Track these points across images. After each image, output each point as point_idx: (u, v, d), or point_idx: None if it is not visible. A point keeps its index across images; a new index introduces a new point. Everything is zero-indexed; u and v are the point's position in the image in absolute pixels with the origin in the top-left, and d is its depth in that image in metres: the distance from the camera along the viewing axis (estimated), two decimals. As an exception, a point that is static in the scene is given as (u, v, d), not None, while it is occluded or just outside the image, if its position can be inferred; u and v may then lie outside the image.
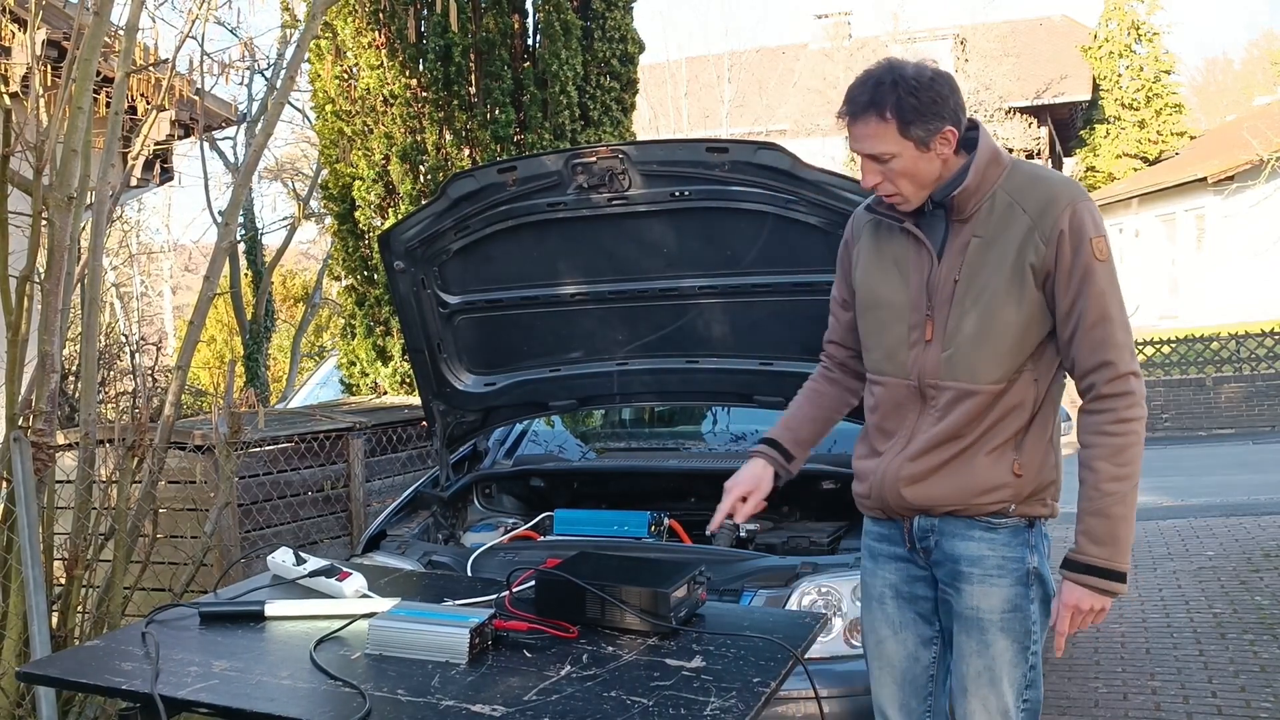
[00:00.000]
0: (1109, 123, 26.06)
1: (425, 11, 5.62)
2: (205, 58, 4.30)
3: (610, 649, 1.84)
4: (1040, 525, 2.07)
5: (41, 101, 3.33)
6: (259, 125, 9.32)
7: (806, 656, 1.88)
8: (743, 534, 3.42)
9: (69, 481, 3.36)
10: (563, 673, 1.74)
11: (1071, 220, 1.91)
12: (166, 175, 6.88)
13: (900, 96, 1.90)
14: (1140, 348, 13.70)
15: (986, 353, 1.96)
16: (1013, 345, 1.96)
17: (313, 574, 2.18)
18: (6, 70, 3.65)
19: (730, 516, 2.24)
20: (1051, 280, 1.93)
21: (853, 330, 2.21)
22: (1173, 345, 13.56)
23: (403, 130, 5.58)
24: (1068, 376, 2.06)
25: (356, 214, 5.84)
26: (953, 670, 2.11)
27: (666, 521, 3.30)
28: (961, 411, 1.98)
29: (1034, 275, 1.93)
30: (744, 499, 2.22)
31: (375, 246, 5.77)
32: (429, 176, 5.55)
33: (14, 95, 3.45)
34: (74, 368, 5.08)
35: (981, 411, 1.98)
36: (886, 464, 2.08)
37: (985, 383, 1.97)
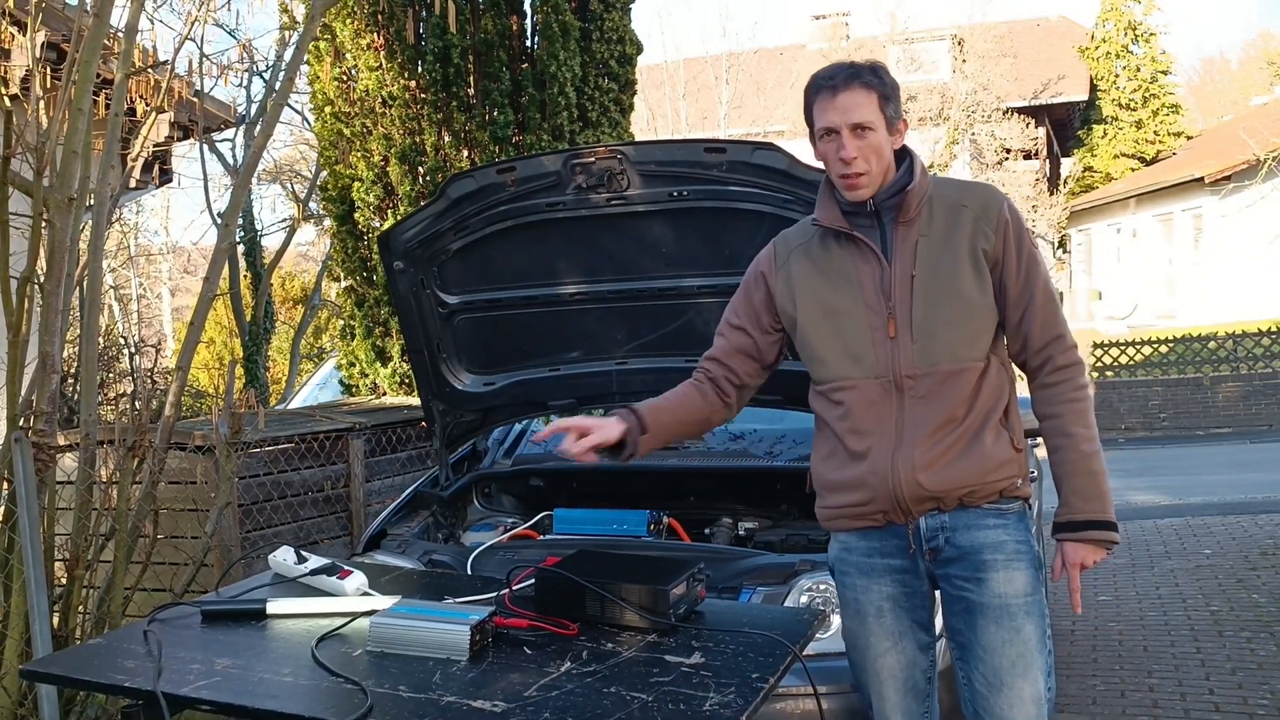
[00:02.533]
0: (1106, 123, 26.07)
1: (424, 13, 5.63)
2: (204, 60, 4.31)
3: (610, 646, 1.86)
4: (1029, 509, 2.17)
5: (41, 103, 3.33)
6: (258, 127, 9.33)
7: (805, 653, 1.89)
8: (741, 532, 3.44)
9: (70, 482, 3.37)
10: (563, 669, 1.76)
11: (1010, 213, 2.07)
12: (165, 177, 6.89)
13: (878, 74, 2.06)
14: (1138, 347, 13.73)
15: (963, 333, 2.04)
16: (984, 324, 2.06)
17: (314, 572, 2.20)
18: (6, 72, 3.66)
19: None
20: (1000, 267, 2.06)
21: (738, 354, 2.24)
22: (1170, 345, 13.58)
23: (402, 131, 5.59)
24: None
25: (356, 215, 5.85)
26: (975, 669, 2.08)
27: (665, 520, 3.31)
28: (949, 393, 2.03)
29: (987, 260, 2.05)
30: (583, 435, 2.12)
31: (375, 247, 5.78)
32: (428, 178, 5.57)
33: (14, 97, 3.46)
34: (73, 369, 5.08)
35: (972, 391, 2.04)
36: (888, 460, 2.05)
37: (968, 360, 2.04)
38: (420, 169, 5.62)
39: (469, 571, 2.94)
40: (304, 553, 2.26)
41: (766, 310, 2.23)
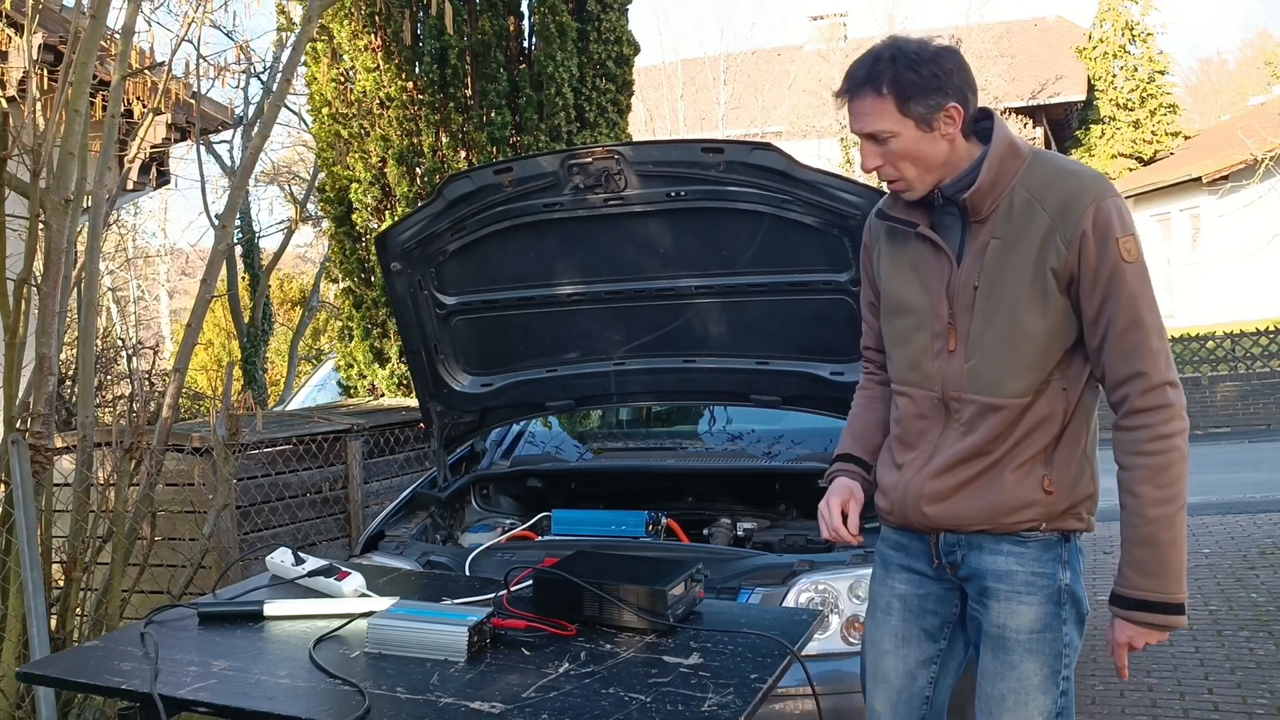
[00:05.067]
0: (1104, 123, 26.10)
1: (421, 14, 5.63)
2: (201, 61, 4.30)
3: (608, 646, 1.85)
4: (1075, 539, 1.94)
5: (38, 105, 3.33)
6: (255, 128, 9.32)
7: (803, 653, 1.88)
8: (739, 533, 3.44)
9: (67, 484, 3.37)
10: (561, 670, 1.75)
11: (1096, 219, 1.77)
12: (163, 179, 6.89)
13: (898, 71, 1.79)
14: (1136, 347, 13.72)
15: (1010, 364, 1.84)
16: (1037, 355, 1.83)
17: (311, 574, 2.19)
18: (3, 74, 3.66)
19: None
20: (1076, 284, 1.79)
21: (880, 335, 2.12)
22: (1169, 344, 13.58)
23: (399, 132, 5.59)
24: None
25: (354, 216, 5.85)
26: (977, 690, 1.99)
27: (664, 521, 3.31)
28: (987, 427, 1.87)
29: (1056, 280, 1.79)
30: (844, 513, 2.04)
31: (372, 248, 5.78)
32: (426, 179, 5.57)
33: (11, 99, 3.46)
34: (70, 371, 5.08)
35: (1008, 427, 1.86)
36: (908, 480, 1.97)
37: (1010, 396, 1.85)
38: (418, 170, 5.62)
39: (467, 572, 2.94)
40: (301, 554, 2.25)
41: (874, 288, 2.08)
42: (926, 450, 1.95)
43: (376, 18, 5.61)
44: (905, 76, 1.79)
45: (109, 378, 7.01)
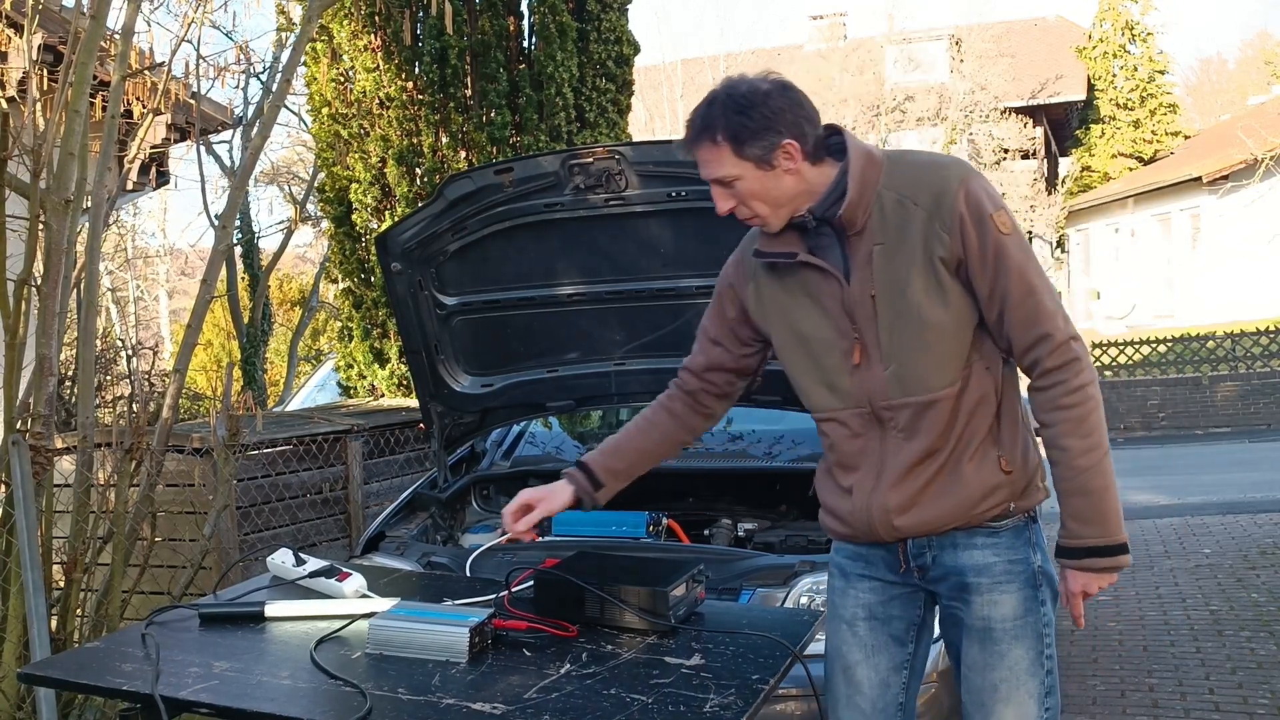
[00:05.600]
0: (1104, 123, 26.12)
1: (421, 14, 5.63)
2: (201, 61, 4.31)
3: (609, 647, 1.85)
4: (1039, 518, 2.00)
5: (38, 105, 3.33)
6: (254, 129, 9.32)
7: (805, 654, 1.88)
8: (740, 534, 3.44)
9: (67, 485, 3.37)
10: (562, 671, 1.75)
11: (968, 201, 1.81)
12: (162, 179, 6.89)
13: (729, 117, 1.81)
14: (1137, 347, 13.74)
15: (929, 359, 1.86)
16: (951, 344, 1.86)
17: (312, 575, 2.19)
18: (3, 74, 3.66)
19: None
20: (965, 267, 1.83)
21: (716, 369, 2.12)
22: (1169, 344, 13.60)
23: (399, 133, 5.59)
24: None
25: (353, 216, 5.85)
26: (962, 683, 2.00)
27: (664, 521, 3.31)
28: (928, 425, 1.88)
29: (946, 268, 1.83)
30: (528, 509, 2.10)
31: (372, 249, 5.78)
32: (426, 179, 5.57)
33: (10, 99, 3.45)
34: (69, 371, 5.08)
35: (949, 418, 1.87)
36: (866, 500, 1.94)
37: (940, 388, 1.86)
38: (418, 170, 5.62)
39: (468, 573, 2.94)
40: (302, 555, 2.25)
41: (743, 325, 2.07)
42: (872, 467, 1.94)
43: (376, 18, 5.61)
44: (736, 121, 1.81)
45: (108, 378, 7.01)
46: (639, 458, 2.17)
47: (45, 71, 3.73)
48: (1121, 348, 13.83)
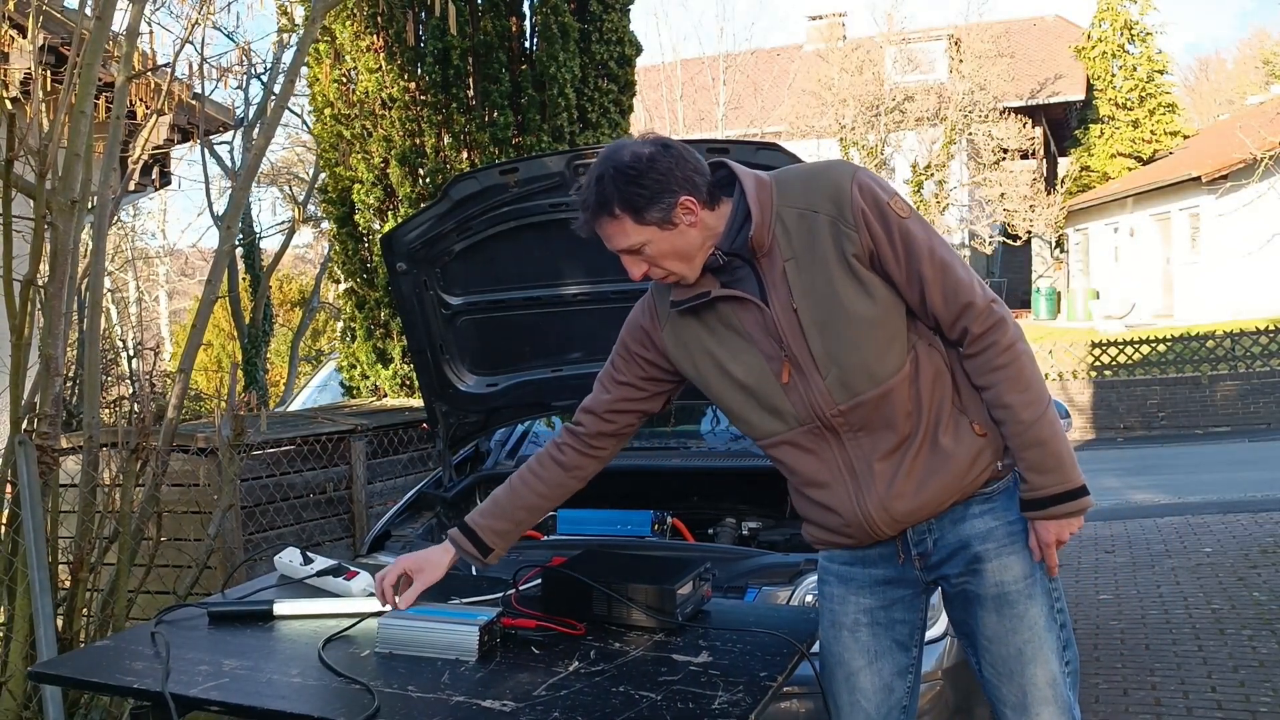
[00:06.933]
0: (1103, 122, 26.13)
1: (423, 15, 5.63)
2: (204, 63, 4.31)
3: (617, 645, 1.86)
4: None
5: (43, 107, 3.33)
6: (257, 129, 9.33)
7: (811, 651, 1.89)
8: (744, 532, 3.44)
9: (73, 485, 3.37)
10: (571, 668, 1.76)
11: (863, 195, 1.85)
12: (165, 180, 6.90)
13: (621, 188, 1.84)
14: (1136, 346, 13.75)
15: (869, 354, 1.87)
16: (886, 333, 1.88)
17: (320, 573, 2.20)
18: (6, 75, 3.66)
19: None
20: (878, 259, 1.86)
21: (621, 412, 2.11)
22: (1168, 344, 13.61)
23: (401, 133, 5.60)
24: None
25: (356, 217, 5.86)
26: (983, 658, 1.99)
27: (669, 520, 3.31)
28: (890, 414, 1.88)
29: (861, 263, 1.85)
30: (407, 580, 2.04)
31: (375, 249, 5.79)
32: (428, 179, 5.57)
33: (15, 100, 3.46)
34: (71, 372, 5.08)
35: (911, 402, 1.89)
36: (854, 507, 1.93)
37: (889, 375, 1.87)
38: (420, 171, 5.62)
39: (474, 572, 2.94)
40: (310, 554, 2.26)
41: (656, 366, 2.06)
42: (844, 475, 1.93)
43: (379, 18, 5.62)
44: (630, 192, 1.83)
45: (109, 379, 7.02)
46: (527, 514, 2.13)
47: (48, 73, 3.73)
48: (1121, 347, 13.84)
